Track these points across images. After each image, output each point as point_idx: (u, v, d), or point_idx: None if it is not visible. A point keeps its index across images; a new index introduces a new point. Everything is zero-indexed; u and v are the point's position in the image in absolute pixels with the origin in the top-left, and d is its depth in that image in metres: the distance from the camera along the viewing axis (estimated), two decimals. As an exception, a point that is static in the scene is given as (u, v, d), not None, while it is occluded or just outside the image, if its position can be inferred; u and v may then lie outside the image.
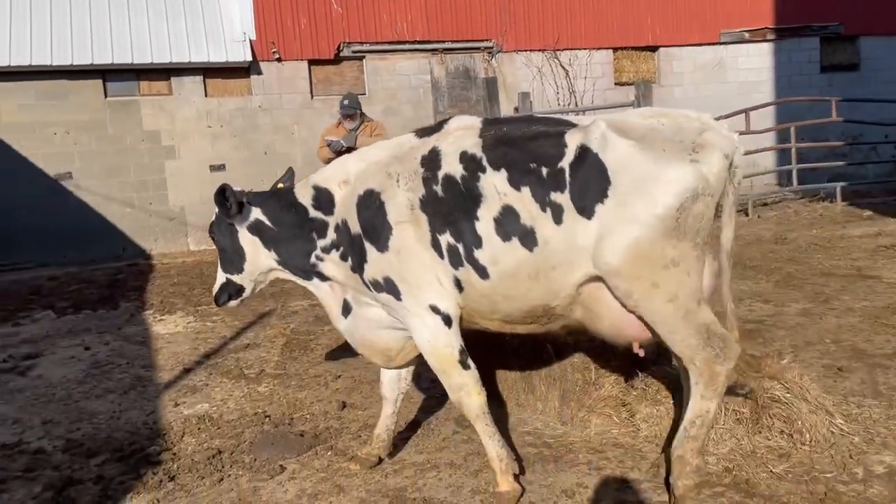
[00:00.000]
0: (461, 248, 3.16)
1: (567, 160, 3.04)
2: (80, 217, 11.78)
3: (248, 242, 3.72)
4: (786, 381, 3.81)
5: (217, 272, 3.85)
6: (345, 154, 8.39)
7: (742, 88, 15.13)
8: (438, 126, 3.46)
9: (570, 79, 14.11)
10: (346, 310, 3.69)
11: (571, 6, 14.16)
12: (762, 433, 3.62)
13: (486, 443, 3.35)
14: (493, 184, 3.12)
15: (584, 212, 2.99)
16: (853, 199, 11.80)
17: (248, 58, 12.27)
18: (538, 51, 14.03)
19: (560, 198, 3.02)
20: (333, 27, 12.92)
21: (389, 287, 3.32)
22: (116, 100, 12.03)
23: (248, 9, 12.44)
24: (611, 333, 3.24)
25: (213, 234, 3.84)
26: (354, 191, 3.44)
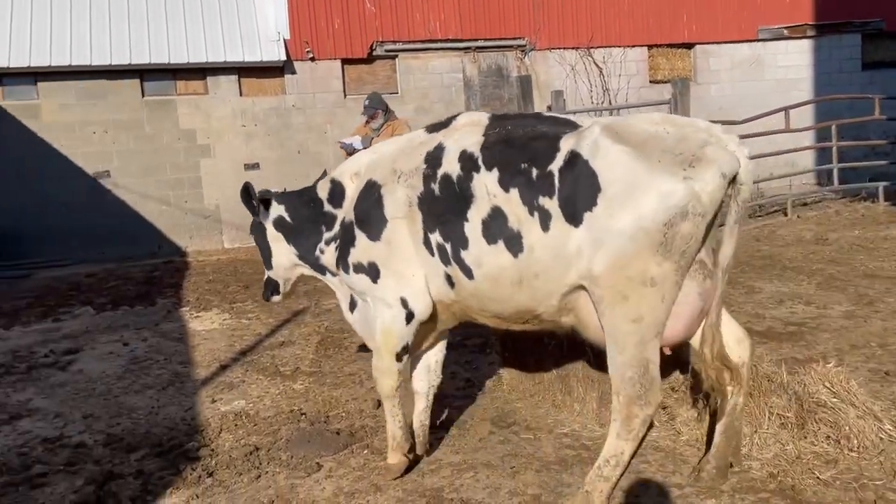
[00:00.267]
0: (449, 248, 3.19)
1: (557, 164, 2.94)
2: (118, 215, 11.97)
3: (274, 239, 3.90)
4: (832, 386, 3.73)
5: None
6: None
7: (780, 86, 14.85)
8: (448, 122, 3.46)
9: (604, 77, 13.98)
10: (353, 304, 3.78)
11: (606, 3, 14.02)
12: (808, 438, 3.53)
13: (388, 420, 3.62)
14: (485, 184, 3.08)
15: (573, 219, 2.88)
16: (896, 199, 11.52)
17: (283, 57, 12.36)
18: (572, 48, 13.92)
19: (549, 203, 2.93)
20: (367, 26, 12.96)
21: (370, 271, 3.43)
22: (154, 99, 12.20)
23: (283, 9, 12.53)
24: (599, 343, 3.12)
25: (252, 233, 4.01)
26: (361, 183, 3.54)
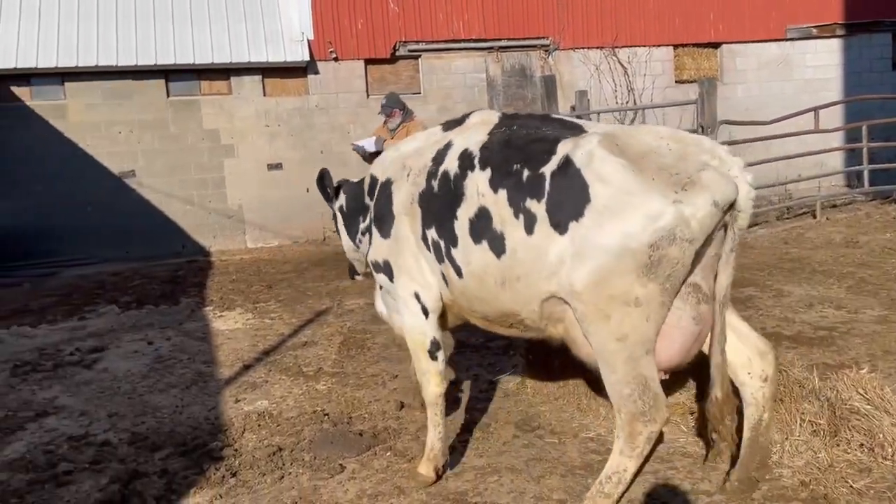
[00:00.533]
0: (442, 245, 3.25)
1: (549, 169, 2.90)
2: (143, 214, 12.06)
3: (339, 225, 4.27)
4: (865, 392, 3.64)
5: None
6: (372, 157, 8.37)
7: (809, 86, 14.62)
8: (461, 120, 3.51)
9: (629, 77, 13.85)
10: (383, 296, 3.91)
11: (631, 2, 13.88)
12: (840, 446, 3.46)
13: (430, 429, 3.55)
14: (476, 183, 3.11)
15: (558, 226, 2.83)
16: (928, 202, 11.27)
17: (306, 57, 12.39)
18: (596, 48, 13.80)
19: (535, 206, 2.90)
20: (390, 26, 12.95)
21: (386, 270, 3.56)
22: (178, 99, 12.28)
23: (307, 9, 12.55)
24: (587, 361, 3.05)
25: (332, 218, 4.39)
26: (383, 179, 3.68)
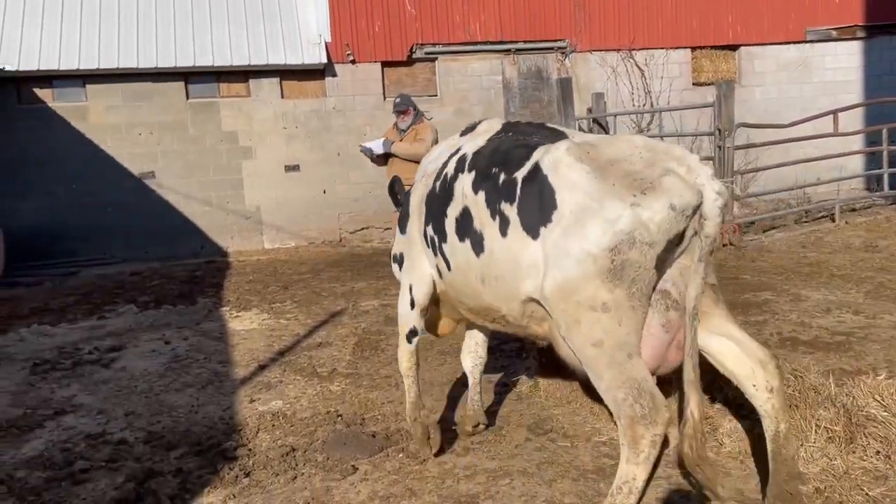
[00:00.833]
0: (437, 240, 3.50)
1: (521, 174, 3.02)
2: (162, 215, 12.19)
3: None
4: (882, 399, 3.60)
5: None
6: (379, 159, 8.31)
7: (828, 89, 14.47)
8: (473, 127, 3.74)
9: (646, 79, 13.79)
10: None
11: (648, 4, 13.82)
12: (856, 453, 3.41)
13: (406, 393, 4.00)
14: (463, 185, 3.31)
15: (530, 231, 2.93)
16: (949, 206, 11.13)
17: (324, 60, 12.46)
18: (613, 50, 13.75)
19: (508, 210, 3.02)
20: (406, 29, 12.99)
21: (399, 262, 3.97)
22: (197, 101, 12.40)
23: (324, 12, 12.63)
24: (570, 362, 3.03)
25: None
26: (413, 183, 4.01)
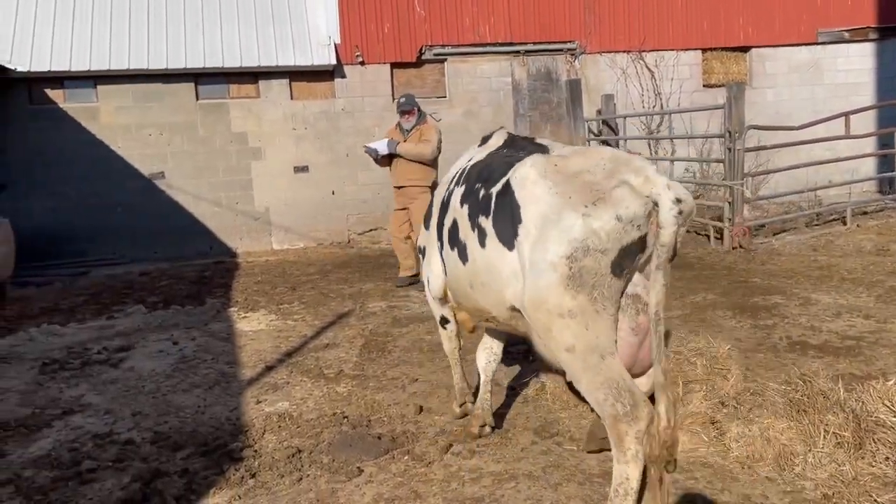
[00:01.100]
0: (440, 244, 3.79)
1: (496, 190, 3.20)
2: (171, 215, 12.23)
3: None
4: (892, 404, 3.56)
5: None
6: (383, 160, 8.28)
7: (840, 90, 14.37)
8: (487, 138, 3.94)
9: (656, 81, 13.73)
10: None
11: (659, 6, 13.76)
12: (865, 459, 3.38)
13: (453, 374, 4.44)
14: (455, 196, 3.56)
15: (506, 243, 3.09)
16: (963, 209, 11.04)
17: (333, 61, 12.48)
18: (623, 52, 13.70)
19: (485, 223, 3.21)
20: (416, 30, 12.99)
21: (422, 254, 4.23)
22: (207, 102, 12.44)
23: (334, 13, 12.65)
24: (552, 364, 3.11)
25: None
26: None
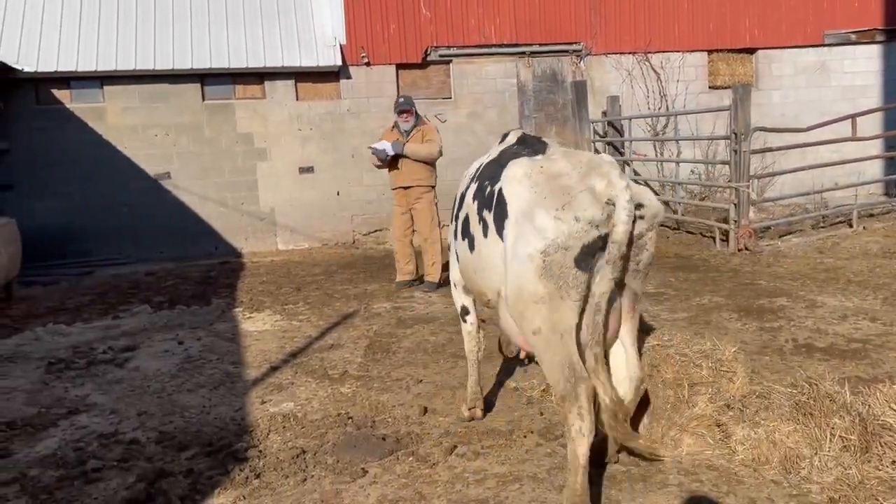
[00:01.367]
0: (455, 234, 4.08)
1: (497, 186, 3.52)
2: (177, 215, 12.27)
3: None
4: (899, 408, 3.55)
5: None
6: (388, 161, 8.18)
7: (847, 93, 14.32)
8: (504, 136, 4.16)
9: (662, 82, 13.71)
10: None
11: (665, 7, 13.75)
12: (872, 462, 3.36)
13: (469, 376, 4.47)
14: (468, 192, 3.88)
15: (500, 235, 3.42)
16: (970, 212, 10.99)
17: (339, 62, 12.50)
18: (629, 53, 13.69)
19: (488, 216, 3.55)
20: (421, 32, 13.00)
21: (450, 248, 4.41)
22: (213, 103, 12.47)
23: (339, 14, 12.67)
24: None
25: None
26: None
